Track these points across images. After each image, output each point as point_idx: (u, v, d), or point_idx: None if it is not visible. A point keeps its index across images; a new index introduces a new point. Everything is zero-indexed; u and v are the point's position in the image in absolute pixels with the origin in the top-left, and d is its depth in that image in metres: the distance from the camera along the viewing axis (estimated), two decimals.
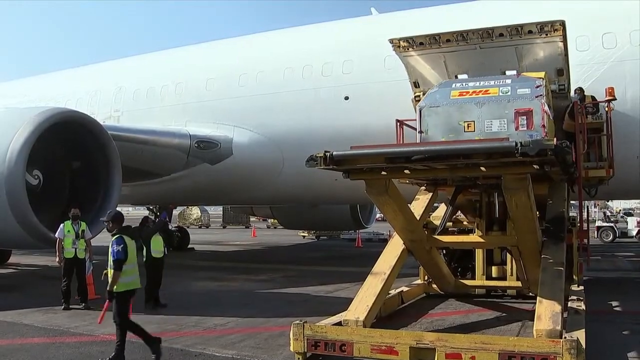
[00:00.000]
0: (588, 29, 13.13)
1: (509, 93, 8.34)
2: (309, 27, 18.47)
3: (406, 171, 7.51)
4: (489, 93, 8.46)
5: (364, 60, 15.28)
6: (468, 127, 8.31)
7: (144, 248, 10.93)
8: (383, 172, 7.54)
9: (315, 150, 7.38)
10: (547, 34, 9.80)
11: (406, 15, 16.44)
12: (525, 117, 8.05)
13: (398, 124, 11.41)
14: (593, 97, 11.82)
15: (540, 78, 8.69)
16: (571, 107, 10.99)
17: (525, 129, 7.99)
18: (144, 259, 10.85)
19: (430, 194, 10.23)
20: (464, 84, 8.94)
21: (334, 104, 15.36)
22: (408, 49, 10.80)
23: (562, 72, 10.59)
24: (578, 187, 10.61)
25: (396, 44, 10.81)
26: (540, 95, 8.21)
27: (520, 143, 6.26)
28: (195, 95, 17.86)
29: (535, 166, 6.64)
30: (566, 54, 10.32)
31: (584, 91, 11.76)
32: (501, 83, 8.64)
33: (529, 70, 9.95)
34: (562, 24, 9.64)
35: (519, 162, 6.49)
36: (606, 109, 11.58)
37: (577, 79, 12.10)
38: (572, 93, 11.47)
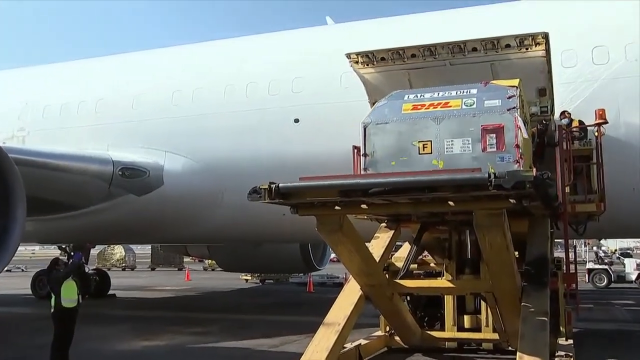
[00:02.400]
0: (576, 42, 13.19)
1: (474, 106, 8.16)
2: (254, 37, 18.51)
3: (363, 206, 7.49)
4: (449, 106, 8.28)
5: (317, 78, 15.34)
6: (424, 148, 8.12)
7: (52, 296, 10.38)
8: (337, 207, 7.58)
9: (260, 181, 7.42)
10: (527, 48, 9.87)
11: (367, 26, 16.67)
12: (494, 135, 7.85)
13: (355, 151, 11.33)
14: (580, 121, 11.91)
15: (513, 86, 8.49)
16: (545, 130, 11.01)
17: (494, 149, 7.82)
18: (52, 309, 10.28)
19: (392, 231, 10.17)
20: (418, 95, 8.77)
21: (282, 127, 15.27)
22: (367, 65, 10.88)
23: (545, 91, 10.65)
24: (563, 223, 10.56)
25: (354, 59, 10.86)
26: (513, 107, 8.02)
27: (494, 174, 6.28)
28: (120, 114, 17.46)
29: (511, 200, 6.64)
30: (549, 71, 10.38)
31: (569, 114, 11.87)
32: (465, 93, 8.45)
33: None
34: (545, 36, 9.72)
35: (492, 195, 6.51)
36: (596, 133, 11.57)
37: (562, 99, 12.20)
38: (556, 116, 11.60)
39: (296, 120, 15.15)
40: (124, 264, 51.65)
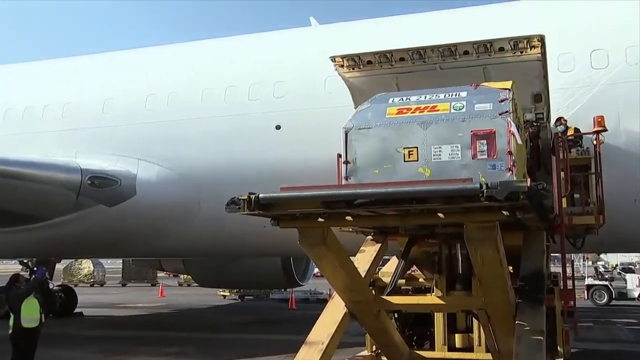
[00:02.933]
0: (573, 45, 13.22)
1: (464, 110, 8.06)
2: (234, 39, 18.58)
3: (348, 218, 7.45)
4: (437, 110, 8.19)
5: (300, 82, 15.47)
6: (409, 155, 8.01)
7: (11, 315, 10.24)
8: (320, 219, 7.48)
9: (239, 191, 7.37)
10: (522, 52, 9.87)
11: (353, 27, 16.80)
12: (485, 142, 7.74)
13: (340, 159, 11.41)
14: (577, 129, 11.95)
15: (506, 89, 8.39)
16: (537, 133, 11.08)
17: (485, 157, 7.71)
18: (10, 330, 10.15)
19: (379, 244, 10.11)
20: (404, 98, 8.69)
21: (263, 134, 15.33)
22: (353, 69, 10.83)
23: (540, 97, 10.65)
24: (560, 236, 10.54)
25: (339, 62, 10.82)
26: (506, 111, 7.91)
27: (486, 185, 6.27)
28: (89, 119, 17.42)
29: (504, 212, 6.59)
30: (545, 76, 10.38)
31: (565, 121, 11.88)
32: (454, 96, 8.37)
33: None
34: (541, 39, 9.73)
35: (484, 207, 6.49)
36: (594, 142, 11.61)
37: (559, 106, 12.20)
38: (552, 123, 11.60)
39: (278, 127, 15.25)
40: (92, 280, 51.24)
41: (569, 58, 13.20)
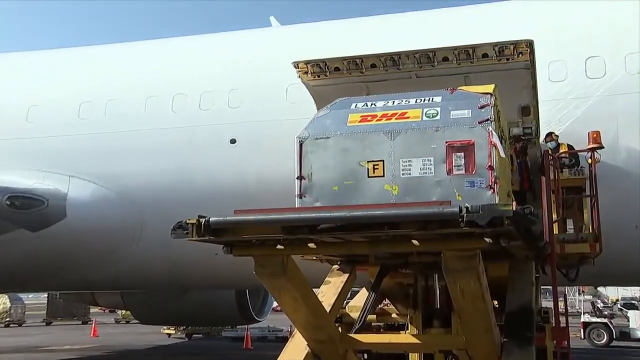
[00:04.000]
0: (566, 51, 13.35)
1: (438, 117, 8.00)
2: (183, 40, 18.54)
3: (311, 245, 7.41)
4: (407, 117, 8.14)
5: (258, 90, 15.61)
6: (374, 169, 7.93)
7: None
8: (279, 246, 7.42)
9: (188, 213, 7.30)
10: (508, 59, 9.96)
11: (319, 29, 17.01)
12: (462, 154, 7.66)
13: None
14: (569, 146, 12.02)
15: (488, 94, 8.31)
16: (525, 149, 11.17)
17: (462, 172, 7.62)
18: None
19: (346, 275, 9.96)
20: (369, 103, 8.64)
21: (216, 148, 15.39)
22: (319, 76, 10.84)
23: (529, 110, 10.75)
24: (551, 267, 10.51)
25: (303, 68, 10.81)
26: (487, 119, 7.80)
27: (467, 208, 6.20)
28: (10, 128, 17.22)
29: (487, 240, 6.56)
30: (534, 86, 10.46)
31: (557, 137, 11.98)
32: (427, 102, 8.29)
33: None
34: (530, 44, 9.82)
35: (464, 234, 6.45)
36: (589, 160, 11.62)
37: (549, 119, 12.30)
38: (541, 139, 11.67)
39: (233, 141, 15.33)
40: (8, 319, 50.08)
41: (561, 66, 13.35)
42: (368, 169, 7.91)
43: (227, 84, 15.85)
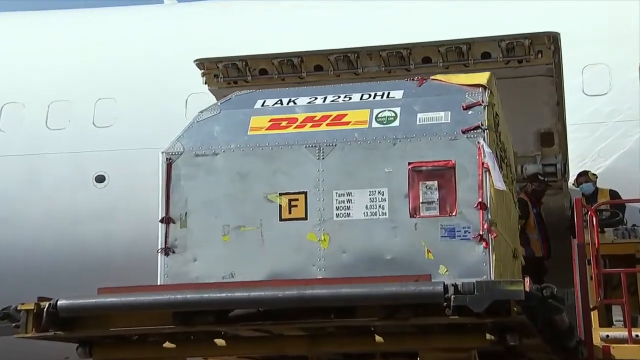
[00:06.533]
0: (608, 51, 11.28)
1: (397, 122, 6.25)
2: (16, 16, 15.43)
3: (219, 340, 5.96)
4: (346, 122, 6.36)
5: (142, 101, 12.56)
6: (291, 207, 6.13)
7: None
8: (169, 344, 6.04)
9: (22, 290, 6.80)
10: (521, 61, 8.23)
11: (240, 9, 14.00)
12: (436, 184, 5.95)
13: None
14: (613, 192, 10.06)
15: (478, 86, 6.58)
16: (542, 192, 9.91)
17: (435, 212, 5.90)
18: None
19: None
20: (285, 100, 6.84)
21: (73, 189, 12.30)
22: (236, 82, 8.91)
23: (552, 138, 9.42)
24: None
25: (210, 69, 8.87)
26: (477, 127, 6.04)
27: (454, 286, 4.98)
28: None
29: (488, 335, 5.32)
30: (560, 102, 8.94)
31: (595, 177, 10.20)
32: (379, 98, 6.59)
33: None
34: (554, 40, 8.10)
35: (453, 325, 5.28)
36: None
37: (583, 152, 10.67)
38: (571, 181, 10.21)
39: (100, 179, 12.31)
40: None
41: (601, 72, 11.20)
42: (281, 206, 6.15)
43: (91, 91, 12.71)
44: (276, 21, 13.49)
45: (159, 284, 6.30)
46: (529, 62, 8.22)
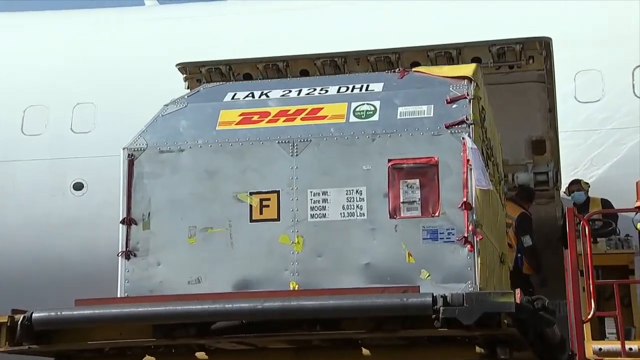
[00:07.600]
0: (601, 57, 11.12)
1: (376, 117, 6.15)
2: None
3: (200, 354, 5.90)
4: (322, 117, 6.24)
5: (122, 106, 12.34)
6: (262, 207, 6.02)
7: None
8: (149, 357, 5.93)
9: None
10: (512, 66, 8.21)
11: (224, 10, 13.95)
12: (417, 182, 5.85)
13: None
14: (605, 201, 9.97)
15: (463, 78, 6.48)
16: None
17: (417, 213, 5.82)
18: None
19: None
20: (257, 92, 6.68)
21: (50, 198, 12.22)
22: None
23: (543, 146, 9.41)
24: None
25: (193, 74, 8.74)
26: (461, 122, 5.94)
27: (443, 298, 4.95)
28: None
29: (478, 349, 5.34)
30: (552, 109, 8.93)
31: (587, 186, 10.10)
32: (357, 91, 6.47)
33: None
34: (546, 45, 8.07)
35: (442, 338, 5.27)
36: (638, 225, 8.99)
37: (575, 160, 10.58)
38: (562, 190, 10.09)
39: (78, 186, 12.22)
40: None
41: (593, 78, 11.08)
42: (251, 206, 6.07)
43: (69, 94, 12.64)
44: (261, 24, 13.27)
45: (119, 289, 6.18)
46: (520, 68, 8.24)
